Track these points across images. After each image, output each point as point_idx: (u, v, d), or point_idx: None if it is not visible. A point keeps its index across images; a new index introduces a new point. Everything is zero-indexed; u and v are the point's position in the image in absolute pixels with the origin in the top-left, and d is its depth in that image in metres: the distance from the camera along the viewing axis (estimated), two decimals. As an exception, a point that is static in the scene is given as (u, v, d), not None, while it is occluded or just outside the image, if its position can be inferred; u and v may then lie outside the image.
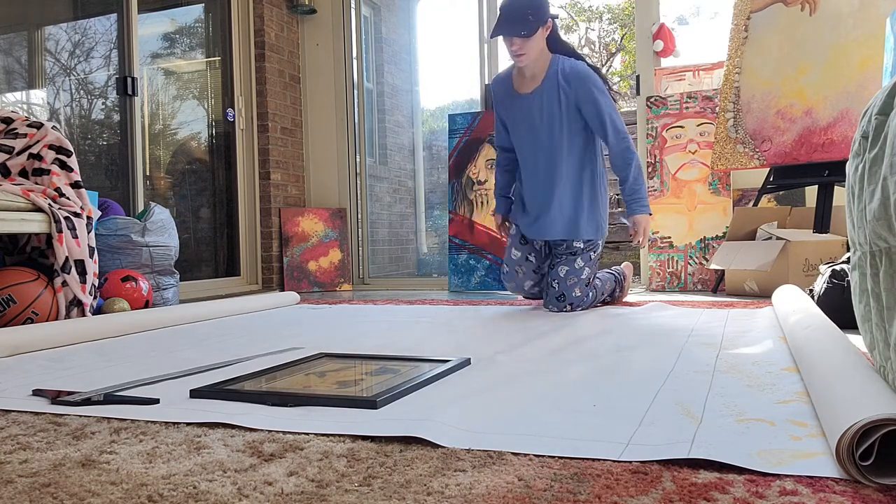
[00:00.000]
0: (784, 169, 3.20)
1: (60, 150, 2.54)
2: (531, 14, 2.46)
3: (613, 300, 2.91)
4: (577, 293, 2.64)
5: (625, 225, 6.16)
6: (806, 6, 3.16)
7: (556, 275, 2.66)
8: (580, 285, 2.65)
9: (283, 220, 4.43)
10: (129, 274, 2.80)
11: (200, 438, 1.06)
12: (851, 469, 0.82)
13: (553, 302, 2.66)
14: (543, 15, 2.51)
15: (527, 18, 2.47)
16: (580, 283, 2.65)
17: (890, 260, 0.96)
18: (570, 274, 2.64)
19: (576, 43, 7.49)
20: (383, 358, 1.70)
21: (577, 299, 2.64)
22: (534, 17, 2.47)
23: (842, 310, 1.96)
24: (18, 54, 3.26)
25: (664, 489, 0.80)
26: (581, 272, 2.65)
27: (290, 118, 4.61)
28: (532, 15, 2.47)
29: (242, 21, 4.35)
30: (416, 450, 0.97)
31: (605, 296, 2.81)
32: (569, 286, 2.64)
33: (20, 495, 0.84)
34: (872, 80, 2.90)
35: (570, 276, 2.64)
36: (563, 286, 2.64)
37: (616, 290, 2.88)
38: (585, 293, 2.67)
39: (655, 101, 3.70)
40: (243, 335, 2.24)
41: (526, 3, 2.49)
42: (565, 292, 2.63)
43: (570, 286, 2.64)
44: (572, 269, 2.64)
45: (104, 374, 1.61)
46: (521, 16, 2.47)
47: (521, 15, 2.47)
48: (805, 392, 1.22)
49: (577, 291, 2.64)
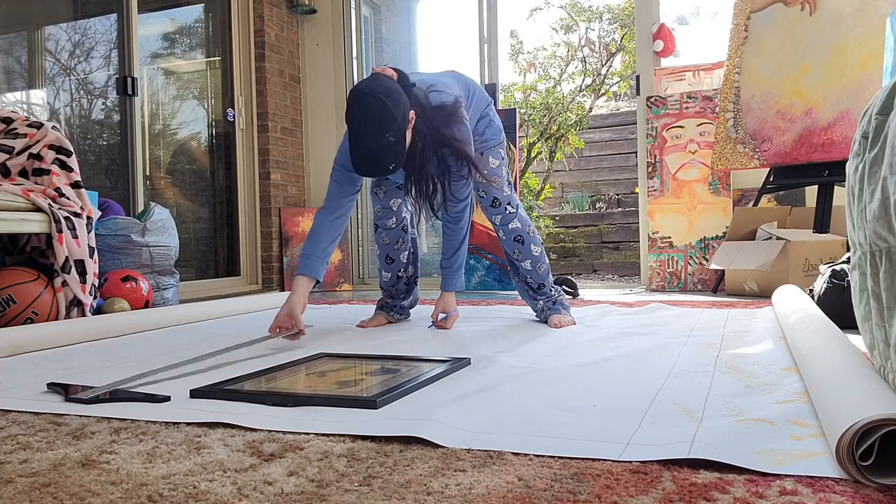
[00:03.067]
0: (784, 169, 3.20)
1: (60, 150, 2.54)
2: (391, 135, 1.88)
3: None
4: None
5: (624, 225, 6.16)
6: (806, 6, 3.16)
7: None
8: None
9: (283, 220, 4.43)
10: (129, 274, 2.80)
11: (200, 438, 1.06)
12: (851, 469, 0.81)
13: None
14: (403, 121, 1.92)
15: (388, 143, 1.89)
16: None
17: (890, 260, 0.96)
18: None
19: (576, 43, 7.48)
20: (383, 358, 1.70)
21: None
22: (395, 136, 1.89)
23: (842, 310, 1.96)
24: (18, 54, 3.26)
25: (664, 489, 0.80)
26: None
27: (290, 118, 4.61)
28: (392, 134, 1.88)
29: (242, 21, 4.35)
30: (416, 450, 0.97)
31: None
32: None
33: (20, 495, 0.84)
34: (872, 80, 2.90)
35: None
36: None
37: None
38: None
39: (655, 101, 3.70)
40: (243, 335, 2.24)
41: (380, 126, 1.88)
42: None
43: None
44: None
45: (105, 373, 1.61)
46: (383, 146, 1.89)
47: (381, 146, 1.89)
48: (805, 392, 1.22)
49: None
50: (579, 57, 7.49)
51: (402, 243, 2.41)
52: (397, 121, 1.88)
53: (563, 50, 7.56)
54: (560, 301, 2.37)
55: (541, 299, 2.37)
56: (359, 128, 1.90)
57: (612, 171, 7.45)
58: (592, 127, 7.42)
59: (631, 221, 6.05)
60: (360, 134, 1.89)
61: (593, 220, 6.46)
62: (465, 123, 2.12)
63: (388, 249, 2.41)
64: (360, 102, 1.90)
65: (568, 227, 6.50)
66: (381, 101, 1.87)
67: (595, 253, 6.18)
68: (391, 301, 2.47)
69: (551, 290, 2.37)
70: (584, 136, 7.30)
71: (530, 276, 2.34)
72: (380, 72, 2.00)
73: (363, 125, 1.89)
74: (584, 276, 5.78)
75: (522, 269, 2.34)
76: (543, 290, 2.36)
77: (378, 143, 1.88)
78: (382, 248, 2.42)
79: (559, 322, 2.26)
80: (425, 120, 2.01)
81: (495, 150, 2.31)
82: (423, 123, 2.00)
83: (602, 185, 7.43)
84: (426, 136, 2.01)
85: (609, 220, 6.37)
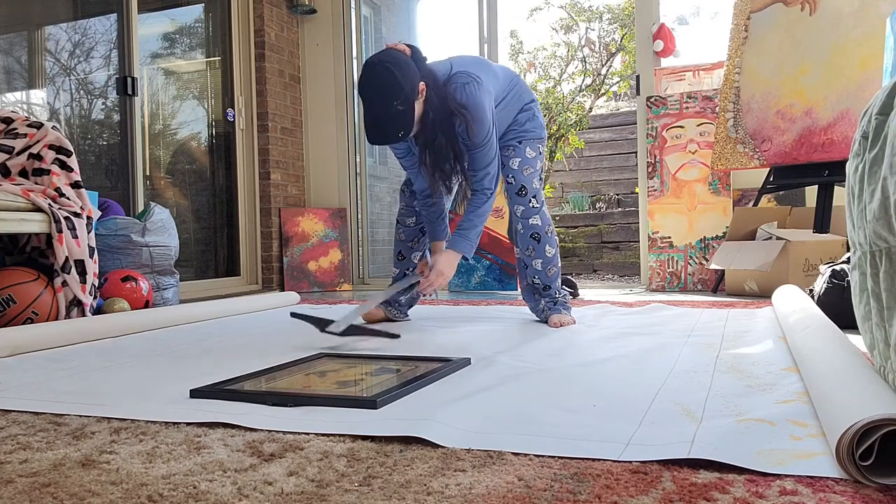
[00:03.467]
0: (784, 169, 3.20)
1: (60, 150, 2.54)
2: (399, 103, 1.93)
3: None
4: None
5: (624, 225, 6.16)
6: (806, 6, 3.16)
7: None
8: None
9: (283, 220, 4.43)
10: (129, 274, 2.80)
11: (200, 438, 1.06)
12: (851, 469, 0.81)
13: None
14: (412, 90, 1.97)
15: (397, 112, 1.95)
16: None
17: (890, 260, 0.96)
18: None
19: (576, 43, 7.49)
20: (383, 358, 1.70)
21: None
22: (404, 105, 1.94)
23: (842, 310, 1.96)
24: (18, 54, 3.26)
25: (664, 489, 0.80)
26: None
27: (290, 118, 4.61)
28: (401, 103, 1.94)
29: (242, 21, 4.35)
30: (416, 450, 0.97)
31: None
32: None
33: (20, 495, 0.84)
34: (872, 80, 2.90)
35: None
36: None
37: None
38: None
39: (655, 101, 3.70)
40: (243, 335, 2.24)
41: (388, 94, 1.93)
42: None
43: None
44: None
45: (105, 374, 1.61)
46: (391, 114, 1.95)
47: (390, 114, 1.95)
48: (805, 392, 1.22)
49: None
50: (579, 57, 7.49)
51: (416, 243, 2.45)
52: (405, 89, 1.94)
53: (563, 50, 7.56)
54: (562, 301, 2.37)
55: (543, 299, 2.37)
56: (368, 95, 1.97)
57: (612, 171, 7.45)
58: (592, 127, 7.42)
59: (631, 221, 6.05)
60: (369, 101, 1.97)
61: (593, 220, 6.46)
62: (477, 95, 2.08)
63: (402, 246, 2.46)
64: (369, 72, 1.97)
65: (568, 227, 6.50)
66: (389, 69, 1.94)
67: (595, 253, 6.18)
68: (391, 298, 2.49)
69: (556, 292, 2.37)
70: (584, 136, 7.30)
71: (538, 277, 2.33)
72: (392, 46, 2.06)
73: (372, 93, 1.96)
74: (584, 276, 5.78)
75: (532, 268, 2.33)
76: (549, 291, 2.35)
77: (387, 111, 1.94)
78: (397, 245, 2.48)
79: (559, 322, 2.26)
80: (437, 91, 2.05)
81: (534, 143, 2.33)
82: (434, 95, 2.04)
83: (602, 185, 7.43)
84: (438, 107, 2.06)
85: (609, 220, 6.37)
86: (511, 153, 2.30)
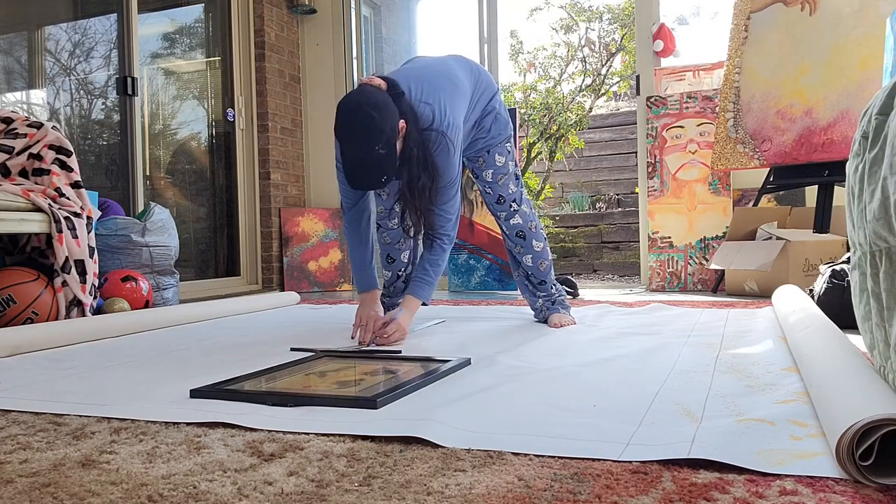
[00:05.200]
0: (784, 169, 3.20)
1: (60, 150, 2.54)
2: (380, 146, 1.82)
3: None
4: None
5: (624, 225, 6.16)
6: (806, 6, 3.16)
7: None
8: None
9: (283, 220, 4.43)
10: (129, 274, 2.80)
11: (200, 438, 1.06)
12: (851, 469, 0.81)
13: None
14: (392, 132, 1.85)
15: (379, 156, 1.83)
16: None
17: (890, 260, 0.96)
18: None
19: (576, 43, 7.48)
20: (383, 358, 1.70)
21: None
22: (385, 148, 1.83)
23: (842, 310, 1.96)
24: (18, 54, 3.26)
25: (664, 489, 0.80)
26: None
27: (290, 118, 4.61)
28: (382, 146, 1.82)
29: (242, 21, 4.35)
30: (416, 450, 0.97)
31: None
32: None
33: (20, 495, 0.84)
34: (872, 80, 2.90)
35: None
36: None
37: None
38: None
39: (655, 101, 3.70)
40: (243, 335, 2.24)
41: (368, 138, 1.81)
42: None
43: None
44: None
45: (105, 374, 1.61)
46: (373, 159, 1.84)
47: (373, 159, 1.84)
48: (805, 392, 1.22)
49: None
50: (579, 57, 7.49)
51: (402, 243, 2.42)
52: (385, 132, 1.82)
53: (563, 50, 7.56)
54: (560, 301, 2.37)
55: (541, 297, 2.37)
56: (348, 143, 1.85)
57: (612, 171, 7.45)
58: (592, 127, 7.42)
59: (631, 221, 6.05)
60: (350, 149, 1.85)
61: (593, 220, 6.46)
62: (448, 151, 2.02)
63: (389, 249, 2.43)
64: (347, 119, 1.86)
65: (568, 227, 6.50)
66: (368, 113, 1.82)
67: (595, 253, 6.18)
68: (388, 300, 2.48)
69: (552, 287, 2.37)
70: (584, 136, 7.30)
71: (531, 272, 2.35)
72: (367, 82, 1.96)
73: (352, 140, 1.85)
74: (584, 276, 5.78)
75: (524, 265, 2.35)
76: (544, 287, 2.36)
77: (369, 156, 1.83)
78: (384, 248, 2.44)
79: (559, 322, 2.26)
80: (416, 126, 1.95)
81: (501, 147, 2.30)
82: (414, 130, 1.94)
83: (602, 185, 7.43)
84: (419, 141, 1.96)
85: (609, 220, 6.37)
86: (482, 165, 2.31)
